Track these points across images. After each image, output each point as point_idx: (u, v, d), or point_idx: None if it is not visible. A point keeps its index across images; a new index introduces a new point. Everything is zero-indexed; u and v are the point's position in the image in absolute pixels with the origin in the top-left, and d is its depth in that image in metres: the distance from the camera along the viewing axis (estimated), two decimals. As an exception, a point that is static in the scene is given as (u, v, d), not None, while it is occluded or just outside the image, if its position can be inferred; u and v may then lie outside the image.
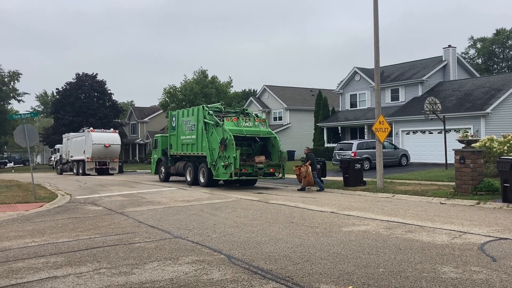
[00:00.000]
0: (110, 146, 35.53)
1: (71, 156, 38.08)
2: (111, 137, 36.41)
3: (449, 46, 34.71)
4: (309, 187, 18.43)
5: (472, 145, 14.54)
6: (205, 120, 20.71)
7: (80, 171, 35.93)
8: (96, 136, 35.31)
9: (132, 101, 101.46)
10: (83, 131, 36.69)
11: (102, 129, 38.53)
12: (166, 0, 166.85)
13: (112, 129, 39.31)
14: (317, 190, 18.04)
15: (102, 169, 35.73)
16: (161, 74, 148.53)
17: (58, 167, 41.54)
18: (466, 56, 63.80)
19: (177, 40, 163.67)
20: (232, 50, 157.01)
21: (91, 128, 36.81)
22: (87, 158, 35.05)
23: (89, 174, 35.00)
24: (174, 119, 23.98)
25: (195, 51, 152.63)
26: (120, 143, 37.29)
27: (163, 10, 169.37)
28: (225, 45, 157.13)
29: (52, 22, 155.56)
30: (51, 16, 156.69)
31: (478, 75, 37.59)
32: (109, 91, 59.65)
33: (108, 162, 35.99)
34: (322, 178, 19.97)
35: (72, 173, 37.70)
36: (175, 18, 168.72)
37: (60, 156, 41.90)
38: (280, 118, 47.13)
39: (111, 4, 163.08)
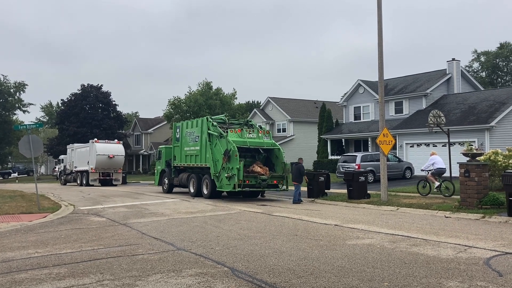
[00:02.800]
0: (114, 157, 35.62)
1: (75, 167, 38.18)
2: (115, 148, 36.53)
3: (453, 59, 34.77)
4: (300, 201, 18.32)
5: (477, 158, 14.48)
6: (209, 131, 20.76)
7: (84, 182, 35.98)
8: (100, 147, 35.44)
9: (136, 112, 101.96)
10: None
11: (106, 140, 38.74)
12: (175, 14, 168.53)
13: (116, 140, 39.48)
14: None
15: (106, 180, 35.76)
16: (166, 86, 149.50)
17: (62, 177, 41.65)
18: (470, 70, 63.82)
19: (183, 52, 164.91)
20: (236, 62, 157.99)
21: (95, 139, 36.93)
22: (91, 168, 35.12)
23: (92, 185, 35.05)
24: (178, 130, 24.05)
25: (200, 62, 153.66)
26: (124, 154, 37.40)
27: (171, 24, 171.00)
28: (230, 57, 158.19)
29: (65, 36, 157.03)
30: (64, 31, 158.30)
31: (482, 89, 37.57)
32: (113, 102, 59.99)
33: (112, 173, 36.05)
34: (326, 191, 19.98)
35: (76, 184, 37.75)
36: (183, 31, 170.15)
37: (64, 166, 42.02)
38: (284, 130, 47.16)
39: (121, 19, 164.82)
